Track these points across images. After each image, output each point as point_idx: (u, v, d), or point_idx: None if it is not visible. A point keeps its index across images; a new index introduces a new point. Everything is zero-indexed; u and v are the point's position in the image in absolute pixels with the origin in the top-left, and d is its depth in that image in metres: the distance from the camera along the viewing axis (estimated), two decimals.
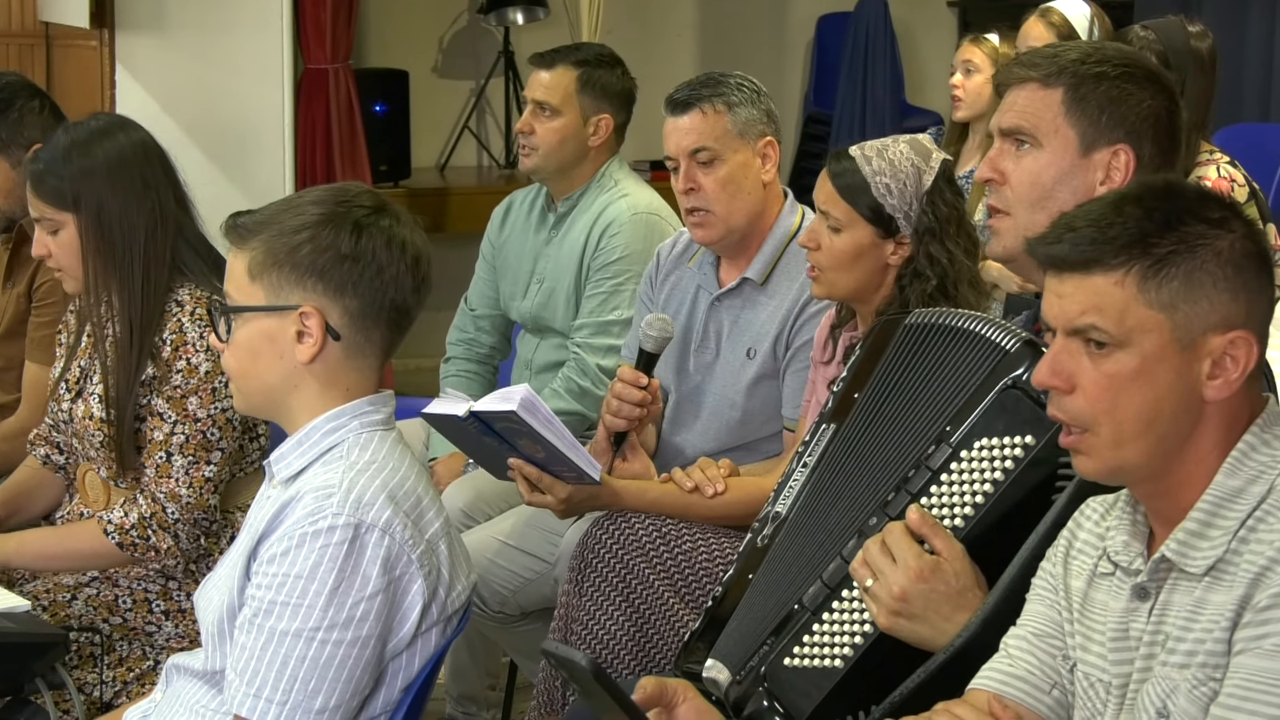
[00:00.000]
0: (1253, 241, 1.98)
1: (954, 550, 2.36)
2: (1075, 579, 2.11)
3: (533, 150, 4.33)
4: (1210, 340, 1.95)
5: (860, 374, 2.69)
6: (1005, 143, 2.54)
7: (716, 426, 3.68)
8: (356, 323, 2.43)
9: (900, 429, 2.56)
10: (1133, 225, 1.95)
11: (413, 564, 2.36)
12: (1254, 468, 1.96)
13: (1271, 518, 1.92)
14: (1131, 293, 1.94)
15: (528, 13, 8.14)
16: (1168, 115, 2.51)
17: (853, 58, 8.79)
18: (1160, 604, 1.98)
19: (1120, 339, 1.95)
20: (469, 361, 4.55)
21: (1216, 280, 1.94)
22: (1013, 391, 2.42)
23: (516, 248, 4.47)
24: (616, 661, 3.23)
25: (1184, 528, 1.97)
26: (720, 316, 3.71)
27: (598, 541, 3.29)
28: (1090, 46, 2.57)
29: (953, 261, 3.18)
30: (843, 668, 2.43)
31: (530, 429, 3.21)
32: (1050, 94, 2.49)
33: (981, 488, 2.41)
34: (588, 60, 4.34)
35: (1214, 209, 1.98)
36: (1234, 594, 1.90)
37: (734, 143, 3.64)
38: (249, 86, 5.92)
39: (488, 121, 8.52)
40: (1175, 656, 1.94)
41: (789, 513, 2.66)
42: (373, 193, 2.50)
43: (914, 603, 2.33)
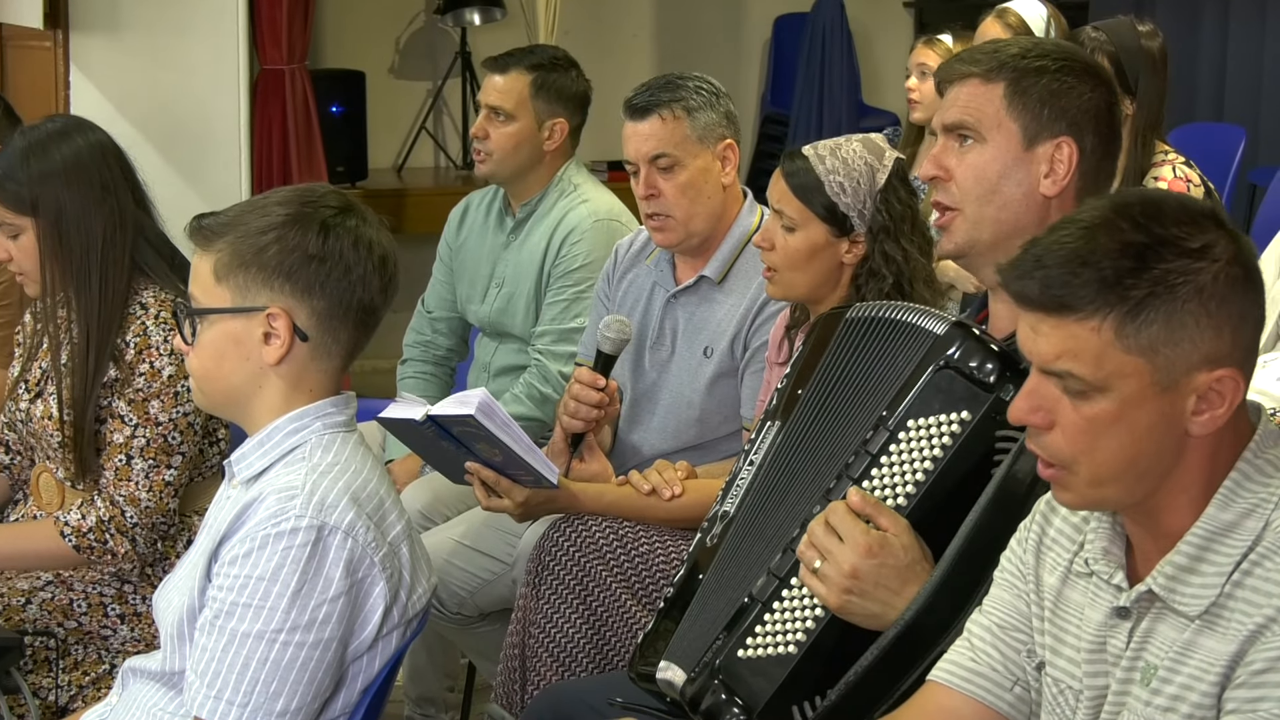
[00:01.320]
0: (1239, 265, 1.88)
1: (900, 525, 2.36)
2: (1049, 574, 2.09)
3: (488, 155, 4.31)
4: (1195, 378, 1.86)
5: (803, 370, 2.70)
6: (949, 139, 2.54)
7: (674, 425, 3.68)
8: (324, 323, 2.43)
9: (842, 421, 2.56)
10: (1107, 266, 1.85)
11: (375, 567, 2.36)
12: (1248, 500, 1.90)
13: (1269, 562, 1.86)
14: (1108, 339, 1.85)
15: (485, 13, 8.13)
16: (1107, 108, 2.53)
17: (809, 58, 8.80)
18: (1143, 630, 1.94)
19: (1098, 385, 1.87)
20: (426, 364, 4.54)
21: (1199, 319, 1.85)
22: (946, 371, 2.43)
23: (474, 251, 4.46)
24: (574, 664, 3.23)
25: (1172, 561, 1.92)
26: (676, 314, 3.71)
27: (555, 544, 3.29)
28: (1029, 42, 2.60)
29: (907, 259, 3.19)
30: (796, 653, 2.44)
31: (488, 433, 3.20)
32: (991, 89, 2.50)
33: (922, 465, 2.42)
34: (542, 63, 4.33)
35: (1196, 234, 1.86)
36: (1228, 647, 1.85)
37: (694, 148, 3.64)
38: (204, 88, 5.90)
39: (445, 122, 8.51)
40: (1160, 698, 1.90)
41: (737, 511, 2.66)
42: (339, 193, 2.50)
43: (864, 579, 2.33)
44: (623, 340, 3.50)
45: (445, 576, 3.74)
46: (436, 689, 4.26)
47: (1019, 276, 1.91)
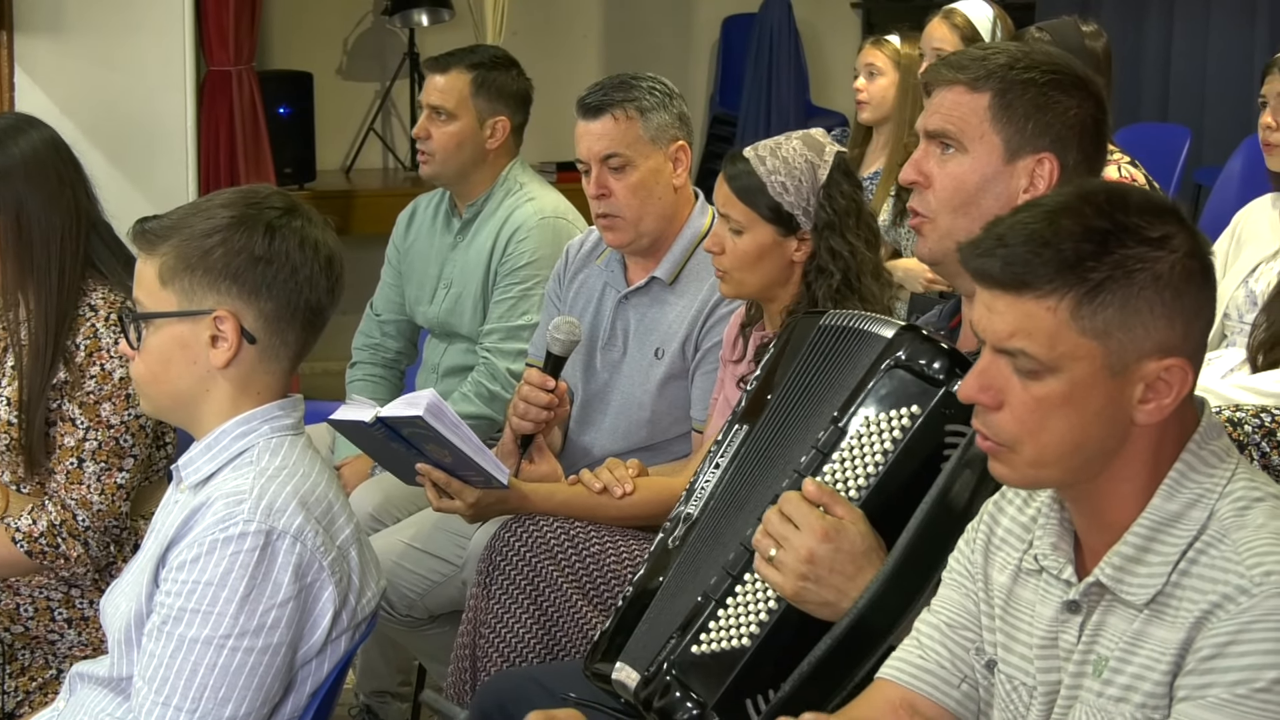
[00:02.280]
0: (1196, 259, 1.90)
1: (855, 513, 2.37)
2: (998, 573, 2.10)
3: (430, 155, 4.31)
4: (1145, 366, 1.89)
5: (773, 375, 2.71)
6: (930, 145, 2.53)
7: (624, 426, 3.68)
8: (271, 325, 2.42)
9: (800, 426, 2.57)
10: (1068, 248, 1.88)
11: (324, 571, 2.35)
12: (1193, 491, 1.92)
13: (1214, 550, 1.88)
14: (1064, 319, 1.88)
15: (432, 14, 8.11)
16: (1094, 123, 2.50)
17: (757, 59, 8.82)
18: (1094, 624, 1.96)
19: (1050, 365, 1.89)
20: (375, 366, 4.53)
21: (1154, 306, 1.88)
22: (896, 370, 2.45)
23: (422, 253, 4.45)
24: (523, 663, 3.22)
25: (1119, 552, 1.94)
26: (627, 314, 3.71)
27: (505, 544, 3.28)
28: (1020, 51, 2.54)
29: (854, 254, 3.20)
30: (750, 646, 2.44)
31: (437, 434, 3.20)
32: (977, 98, 2.48)
33: (874, 458, 2.43)
34: (482, 63, 4.32)
35: (1157, 225, 1.89)
36: (1176, 634, 1.87)
37: (646, 149, 3.64)
38: (150, 89, 5.86)
39: (393, 123, 8.49)
40: (1112, 689, 1.92)
41: (700, 514, 2.66)
42: (283, 194, 2.49)
43: (820, 564, 2.33)
44: (572, 341, 3.50)
45: (395, 579, 3.73)
46: (390, 684, 4.25)
47: (980, 254, 1.93)
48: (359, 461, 4.16)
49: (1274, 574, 1.82)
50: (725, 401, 3.36)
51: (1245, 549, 1.86)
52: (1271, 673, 1.80)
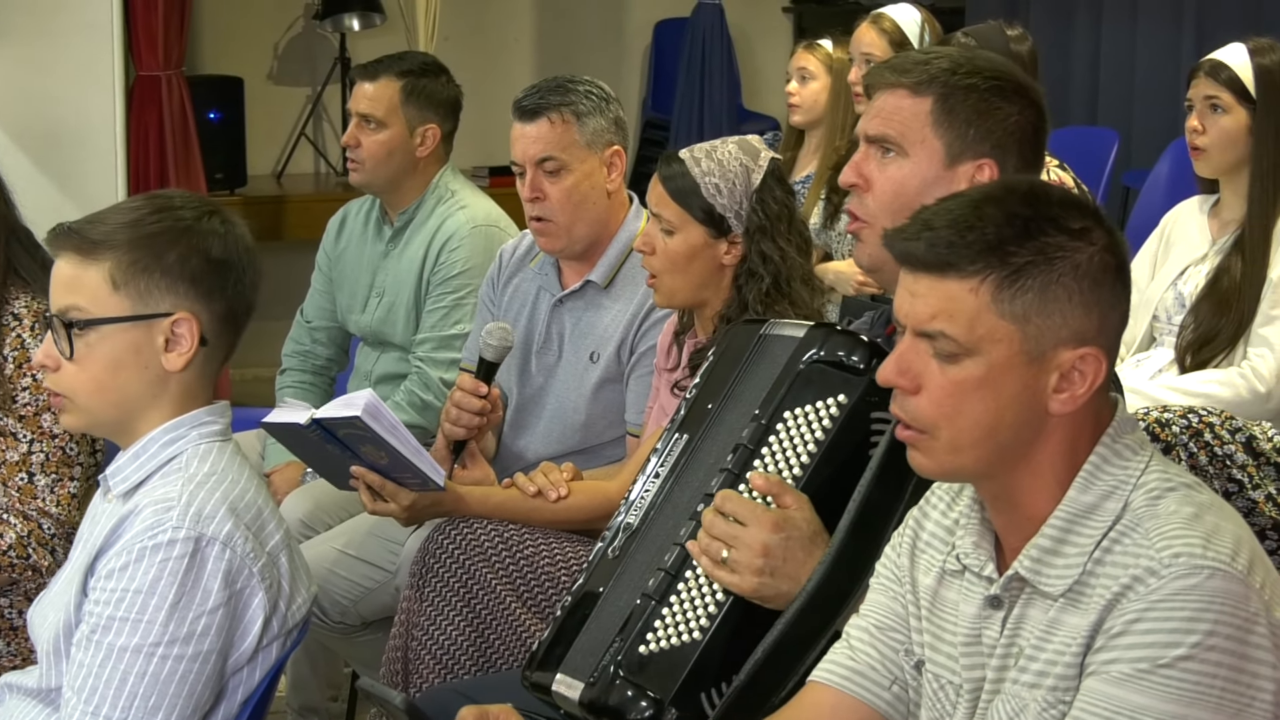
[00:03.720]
0: (1112, 254, 1.95)
1: (800, 499, 2.40)
2: (924, 575, 2.12)
3: (360, 164, 4.30)
4: (1060, 354, 1.92)
5: (713, 383, 2.71)
6: (870, 148, 2.52)
7: (559, 430, 3.68)
8: (219, 327, 2.43)
9: (730, 433, 2.59)
10: (991, 231, 1.91)
11: (254, 577, 2.34)
12: (1107, 483, 1.95)
13: (1127, 539, 1.91)
14: (985, 301, 1.91)
15: (364, 19, 8.09)
16: (1034, 130, 2.50)
17: (690, 63, 8.83)
18: (1015, 617, 1.98)
19: (969, 347, 1.92)
20: (305, 373, 4.51)
21: (1072, 294, 1.91)
22: (816, 365, 2.48)
23: (354, 260, 4.43)
24: (458, 667, 3.22)
25: (1037, 544, 1.96)
26: (563, 318, 3.71)
27: (439, 547, 3.28)
28: (962, 56, 2.54)
29: (785, 259, 3.21)
30: (702, 639, 2.45)
31: (374, 435, 3.19)
32: (919, 103, 2.48)
33: (806, 448, 2.45)
34: (411, 70, 4.31)
35: (1076, 218, 1.94)
36: (1087, 618, 1.90)
37: (581, 153, 3.64)
38: (78, 94, 5.81)
39: (324, 129, 8.46)
40: (1026, 675, 1.95)
41: (640, 523, 2.67)
42: (199, 196, 2.49)
43: (775, 555, 2.35)
44: (505, 347, 3.49)
45: (327, 585, 3.72)
46: (319, 699, 4.23)
47: (906, 238, 1.96)
48: (290, 468, 4.14)
49: (1182, 556, 1.86)
50: (661, 409, 3.37)
51: (1156, 534, 1.89)
52: (1176, 650, 1.83)
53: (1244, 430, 3.48)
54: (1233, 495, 3.42)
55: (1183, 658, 1.83)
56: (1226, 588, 1.84)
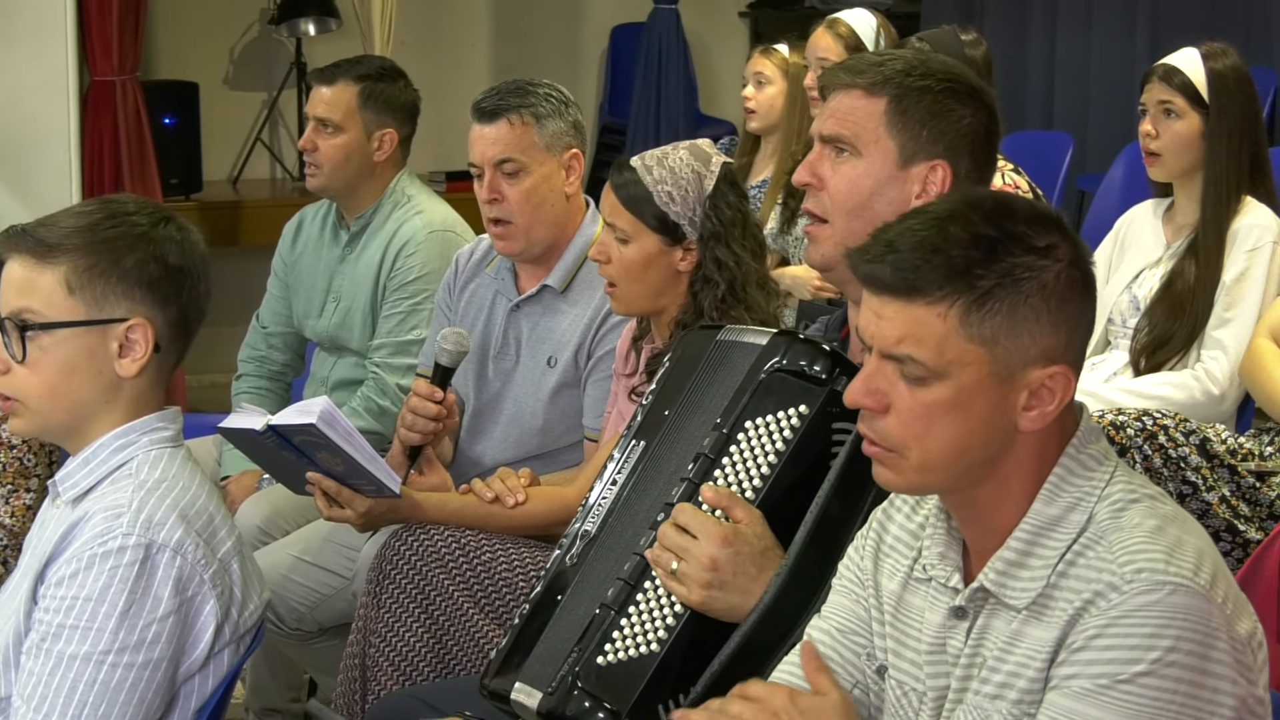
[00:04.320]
0: (1078, 269, 1.93)
1: (753, 514, 2.40)
2: (888, 579, 2.12)
3: (317, 168, 4.29)
4: (1030, 373, 1.91)
5: (669, 389, 2.71)
6: (825, 148, 2.53)
7: (516, 435, 3.67)
8: (173, 333, 2.42)
9: (689, 440, 2.58)
10: (958, 254, 1.89)
11: (205, 584, 2.33)
12: (1072, 495, 1.95)
13: (1090, 552, 1.91)
14: (952, 325, 1.89)
15: (319, 24, 8.06)
16: (986, 132, 2.52)
17: (646, 68, 8.84)
18: (979, 627, 1.98)
19: (937, 371, 1.91)
20: (261, 379, 4.49)
21: (1040, 314, 1.90)
22: (777, 374, 2.48)
23: (310, 265, 4.42)
24: (415, 673, 3.21)
25: (1002, 557, 1.96)
26: (520, 323, 3.71)
27: (396, 553, 3.27)
28: (916, 59, 2.56)
29: (739, 264, 3.21)
30: (659, 651, 2.44)
31: (329, 442, 3.18)
32: (873, 103, 2.49)
33: (767, 459, 2.45)
34: (369, 74, 4.31)
35: (1042, 234, 1.92)
36: (1051, 633, 1.90)
37: (539, 155, 3.64)
38: (32, 99, 5.79)
39: (280, 134, 8.44)
40: (988, 687, 1.95)
41: (598, 531, 2.66)
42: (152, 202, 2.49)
43: (723, 569, 2.35)
44: (460, 352, 3.49)
45: (284, 592, 3.71)
46: (280, 700, 4.22)
47: (870, 260, 1.94)
48: (246, 476, 4.13)
49: (1144, 571, 1.85)
50: (619, 415, 3.37)
51: (1119, 548, 1.89)
52: (1135, 666, 1.83)
53: (1198, 433, 3.50)
54: (1187, 497, 3.44)
55: (1143, 673, 1.83)
56: (1189, 603, 1.84)
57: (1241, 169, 3.94)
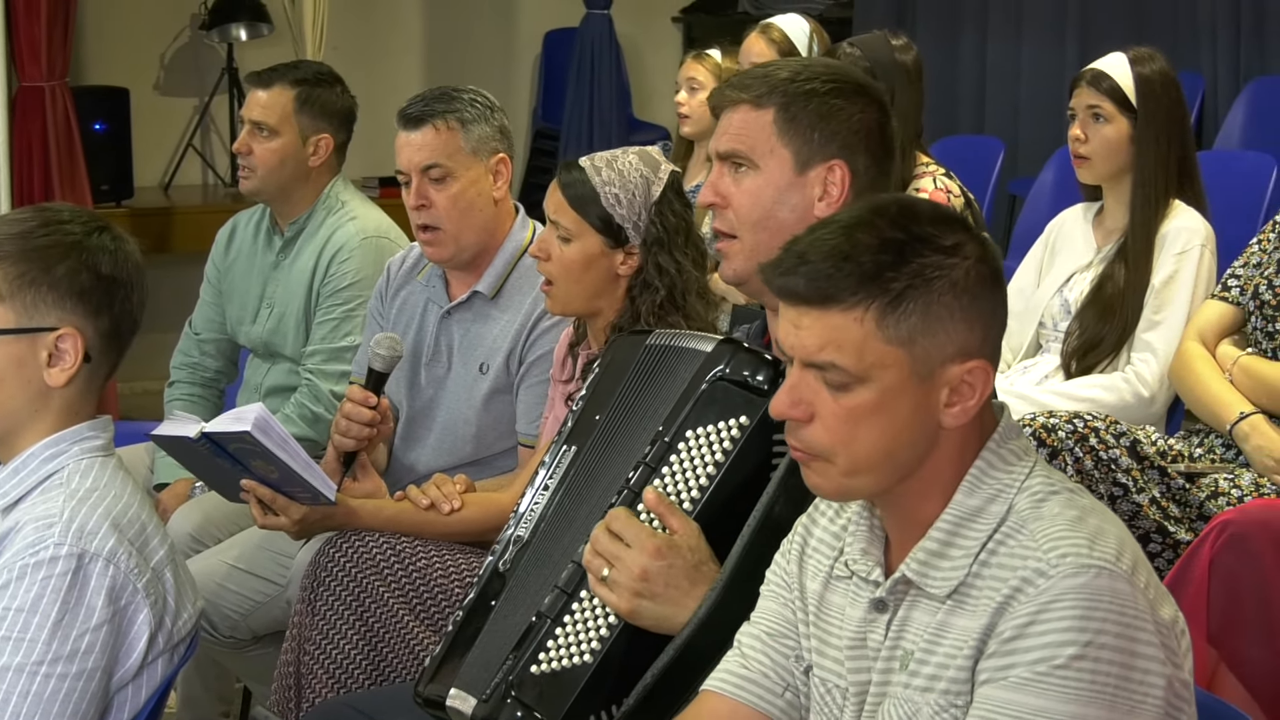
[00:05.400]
0: (986, 264, 1.97)
1: (689, 527, 2.40)
2: (811, 580, 2.14)
3: (251, 172, 4.27)
4: (949, 370, 1.94)
5: (600, 394, 2.72)
6: (724, 166, 2.55)
7: (450, 442, 3.67)
8: (104, 344, 2.41)
9: (628, 445, 2.59)
10: (868, 260, 1.93)
11: (138, 593, 2.32)
12: (993, 487, 1.98)
13: (1012, 540, 1.93)
14: (870, 329, 1.92)
15: (251, 29, 8.04)
16: (879, 126, 2.54)
17: (579, 73, 8.84)
18: (899, 619, 2.00)
19: (859, 375, 1.93)
20: (194, 385, 4.47)
21: (953, 311, 1.94)
22: (720, 383, 2.48)
23: (243, 271, 4.40)
24: (350, 680, 3.21)
25: (924, 547, 1.98)
26: (451, 330, 3.70)
27: (330, 560, 3.26)
28: (799, 64, 2.59)
29: (681, 272, 3.23)
30: (592, 663, 2.45)
31: (264, 449, 3.17)
32: (762, 115, 2.51)
33: (705, 471, 2.45)
34: (306, 79, 4.29)
35: (948, 234, 1.96)
36: (978, 621, 1.92)
37: (466, 160, 3.64)
38: None
39: (212, 139, 8.40)
40: (918, 679, 1.96)
41: (531, 536, 2.67)
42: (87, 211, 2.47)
43: (655, 581, 2.35)
44: (394, 358, 3.48)
45: (218, 600, 3.69)
46: (211, 713, 4.20)
47: (783, 273, 1.97)
48: (179, 485, 4.11)
49: (1069, 556, 1.88)
50: (555, 420, 3.37)
51: (1042, 536, 1.92)
52: (1070, 649, 1.85)
53: (1128, 435, 3.53)
54: (1118, 499, 3.47)
55: (1076, 656, 1.85)
56: (1113, 586, 1.87)
57: (1169, 172, 3.97)
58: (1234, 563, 3.13)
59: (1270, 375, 3.57)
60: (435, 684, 2.65)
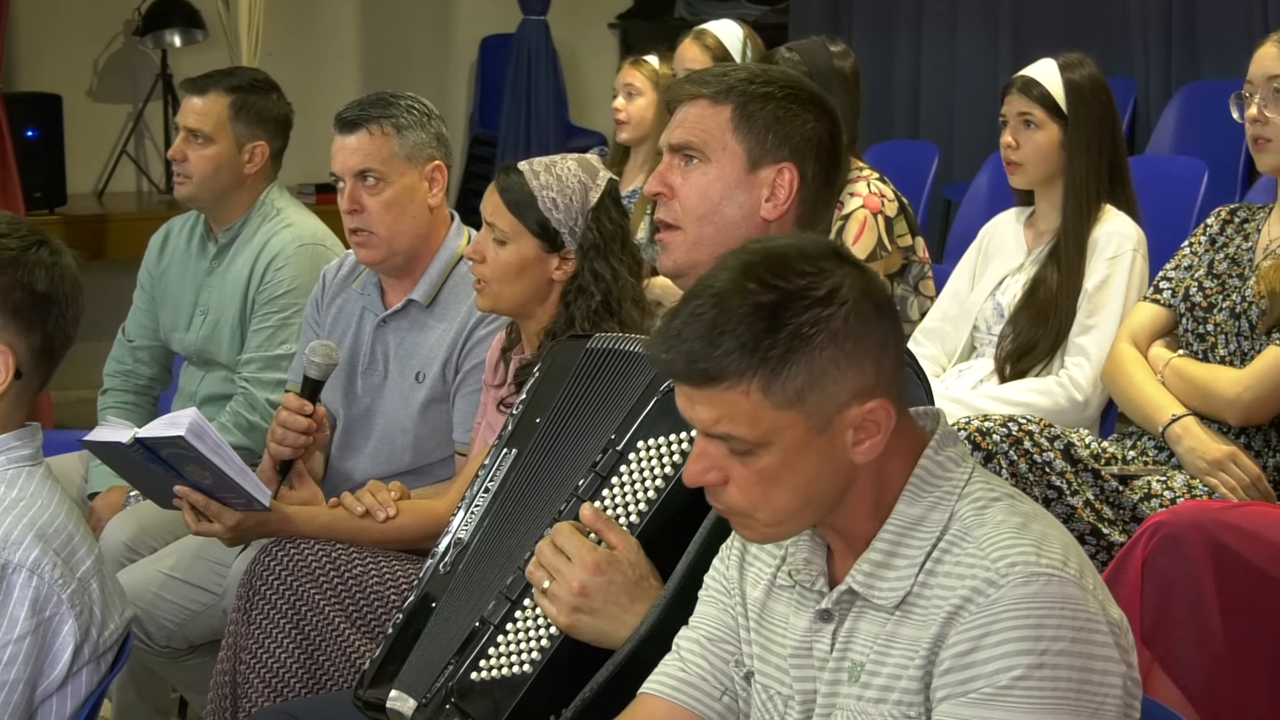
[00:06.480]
0: (868, 299, 1.95)
1: (629, 543, 2.40)
2: (752, 587, 2.14)
3: (186, 179, 4.25)
4: (847, 414, 1.93)
5: (540, 398, 2.72)
6: (674, 158, 2.58)
7: (387, 450, 3.66)
8: (36, 360, 2.39)
9: (575, 449, 2.59)
10: (742, 331, 1.90)
11: (63, 604, 2.31)
12: (933, 494, 1.98)
13: (957, 549, 1.94)
14: (757, 400, 1.91)
15: (185, 35, 8.00)
16: (830, 137, 2.57)
17: (516, 79, 8.83)
18: (846, 630, 2.01)
19: (759, 441, 1.93)
20: (127, 393, 4.45)
21: (838, 361, 1.92)
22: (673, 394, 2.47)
23: (177, 278, 4.38)
24: (286, 689, 3.19)
25: (868, 559, 1.99)
26: (387, 338, 3.69)
27: (266, 568, 3.25)
28: (758, 68, 2.62)
29: (616, 278, 3.23)
30: (532, 673, 2.45)
31: (199, 454, 3.16)
32: (719, 111, 2.54)
33: (653, 484, 2.45)
34: (241, 86, 4.28)
35: (821, 281, 1.93)
36: (927, 631, 1.92)
37: (400, 166, 3.63)
38: None
39: (146, 146, 8.35)
40: (870, 691, 1.96)
41: (472, 538, 2.66)
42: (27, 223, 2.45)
43: (594, 597, 2.36)
44: (329, 365, 3.47)
45: (153, 609, 3.67)
46: None
47: (664, 353, 1.96)
48: (113, 493, 4.09)
49: (1018, 564, 1.89)
50: (489, 426, 3.37)
51: (988, 544, 1.92)
52: (1028, 660, 1.86)
53: (1062, 438, 3.55)
54: (1052, 502, 3.49)
55: (1035, 666, 1.86)
56: (1064, 592, 1.88)
57: (1100, 177, 3.99)
58: (1167, 564, 3.15)
59: (1201, 377, 3.60)
60: (375, 688, 2.64)
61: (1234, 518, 3.18)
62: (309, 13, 8.74)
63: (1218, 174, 5.46)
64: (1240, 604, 3.13)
